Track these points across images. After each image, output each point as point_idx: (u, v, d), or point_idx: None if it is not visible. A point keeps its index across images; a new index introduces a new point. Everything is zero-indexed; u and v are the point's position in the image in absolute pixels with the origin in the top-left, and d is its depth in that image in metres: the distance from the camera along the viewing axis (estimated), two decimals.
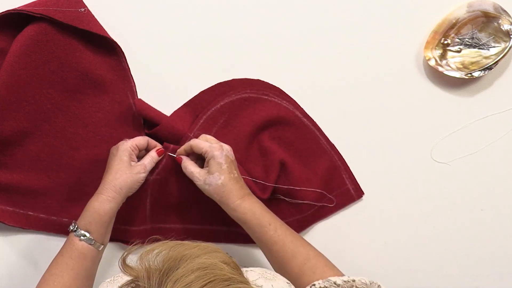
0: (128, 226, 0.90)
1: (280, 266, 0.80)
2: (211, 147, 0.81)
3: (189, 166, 0.83)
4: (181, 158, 0.85)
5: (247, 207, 0.81)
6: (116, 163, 0.82)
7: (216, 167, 0.81)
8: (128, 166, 0.82)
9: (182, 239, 0.57)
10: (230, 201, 0.81)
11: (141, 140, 0.85)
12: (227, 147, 0.83)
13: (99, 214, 0.80)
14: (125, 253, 0.58)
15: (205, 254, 0.54)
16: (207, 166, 0.82)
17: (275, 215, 0.83)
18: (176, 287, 0.50)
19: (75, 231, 0.80)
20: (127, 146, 0.83)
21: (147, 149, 0.87)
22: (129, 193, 0.83)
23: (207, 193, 0.83)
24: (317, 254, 0.80)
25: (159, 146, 0.87)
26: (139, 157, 0.86)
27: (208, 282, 0.51)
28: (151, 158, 0.85)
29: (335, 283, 0.72)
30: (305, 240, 0.83)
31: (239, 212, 0.81)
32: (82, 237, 0.79)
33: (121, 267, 0.56)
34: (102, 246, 0.82)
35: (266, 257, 0.83)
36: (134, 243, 0.62)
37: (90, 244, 0.80)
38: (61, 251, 0.81)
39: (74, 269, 0.79)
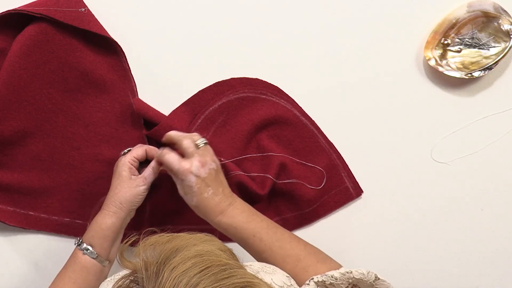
0: (127, 230, 0.90)
1: None
2: (179, 171, 0.78)
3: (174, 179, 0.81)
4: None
5: (227, 223, 0.80)
6: (115, 178, 0.83)
7: (187, 189, 0.79)
8: (127, 180, 0.82)
9: (178, 232, 0.58)
10: (209, 219, 0.81)
11: (138, 151, 0.84)
12: (196, 164, 0.78)
13: (101, 228, 0.80)
14: (122, 247, 0.59)
15: (201, 243, 0.55)
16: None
17: (262, 219, 0.82)
18: (173, 275, 0.51)
19: (79, 244, 0.81)
20: (126, 160, 0.83)
21: (148, 158, 0.86)
22: (133, 206, 0.82)
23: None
24: (309, 252, 0.80)
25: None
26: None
27: (205, 268, 0.52)
28: (152, 168, 0.84)
29: (332, 276, 0.73)
30: (294, 240, 0.81)
31: (221, 228, 0.81)
32: (85, 251, 0.80)
33: (118, 260, 0.57)
34: (108, 262, 0.82)
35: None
36: (131, 236, 0.63)
37: (93, 258, 0.80)
38: (65, 265, 0.81)
39: (77, 282, 0.79)
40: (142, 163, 0.86)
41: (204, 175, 0.79)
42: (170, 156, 0.80)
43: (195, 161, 0.79)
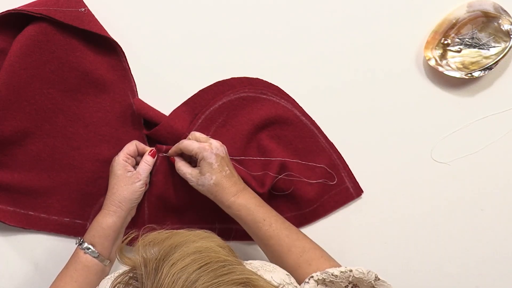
0: (127, 229, 0.90)
1: (276, 259, 0.81)
2: (200, 148, 0.81)
3: (182, 167, 0.84)
4: (174, 159, 0.86)
5: (241, 204, 0.82)
6: (112, 178, 0.84)
7: (207, 168, 0.81)
8: (123, 179, 0.83)
9: (177, 229, 0.59)
10: (224, 199, 0.82)
11: (129, 147, 0.85)
12: (216, 144, 0.83)
13: (102, 227, 0.81)
14: (122, 243, 0.59)
15: (200, 239, 0.56)
16: (199, 166, 0.83)
17: (271, 208, 0.84)
18: (173, 271, 0.51)
19: (81, 244, 0.81)
20: (119, 159, 0.84)
21: (141, 153, 0.87)
22: (132, 204, 0.84)
23: (202, 192, 0.84)
24: (313, 247, 0.81)
25: (148, 148, 0.87)
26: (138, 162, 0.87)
27: (204, 264, 0.52)
28: (145, 162, 0.85)
29: (332, 274, 0.73)
30: (301, 233, 0.83)
31: (233, 209, 0.82)
32: (86, 250, 0.81)
33: (118, 257, 0.58)
34: (108, 261, 0.82)
35: (263, 251, 0.84)
36: (130, 233, 0.63)
37: (94, 257, 0.81)
38: (66, 264, 0.82)
39: (78, 281, 0.80)
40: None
41: (222, 154, 0.82)
42: (188, 141, 0.83)
43: (214, 142, 0.83)
